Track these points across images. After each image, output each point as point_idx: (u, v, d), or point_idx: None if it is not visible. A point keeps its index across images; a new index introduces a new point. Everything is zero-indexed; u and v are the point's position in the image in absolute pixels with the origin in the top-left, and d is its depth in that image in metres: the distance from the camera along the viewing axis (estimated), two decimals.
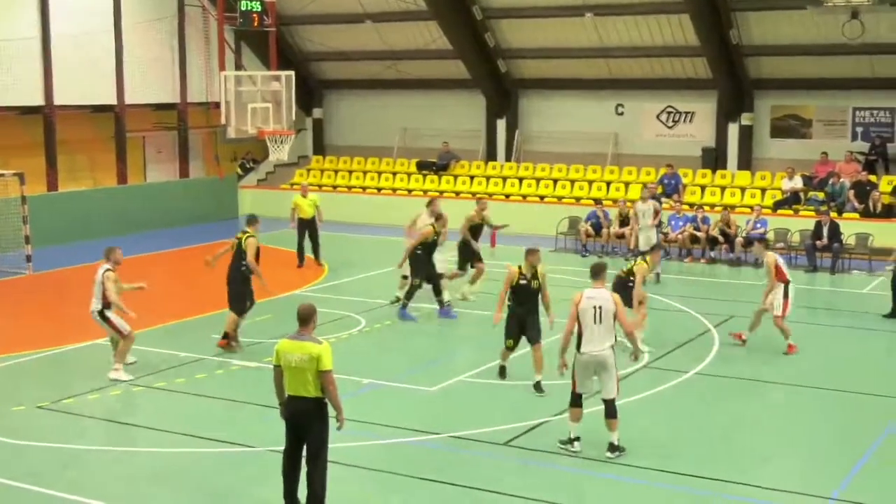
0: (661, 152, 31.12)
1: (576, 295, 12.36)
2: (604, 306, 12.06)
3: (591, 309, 12.06)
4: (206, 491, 11.37)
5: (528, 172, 32.79)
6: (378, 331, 18.62)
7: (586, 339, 12.10)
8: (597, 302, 12.08)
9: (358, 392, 14.62)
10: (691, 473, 11.77)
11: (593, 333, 12.05)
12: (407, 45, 33.63)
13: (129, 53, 30.99)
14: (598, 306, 12.06)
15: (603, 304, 12.07)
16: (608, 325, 12.08)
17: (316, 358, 10.05)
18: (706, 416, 14.13)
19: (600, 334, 12.05)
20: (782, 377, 15.81)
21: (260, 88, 28.90)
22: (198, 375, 15.69)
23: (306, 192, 25.60)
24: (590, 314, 12.06)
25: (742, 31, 29.03)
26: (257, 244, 16.96)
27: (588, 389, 12.37)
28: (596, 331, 12.05)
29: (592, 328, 12.05)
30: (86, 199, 29.94)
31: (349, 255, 26.63)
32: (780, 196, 28.48)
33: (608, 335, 12.09)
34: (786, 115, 30.41)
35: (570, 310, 12.31)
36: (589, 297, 12.15)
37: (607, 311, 12.06)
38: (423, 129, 35.00)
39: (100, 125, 31.35)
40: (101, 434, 13.33)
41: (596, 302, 12.08)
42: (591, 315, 12.05)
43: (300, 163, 36.53)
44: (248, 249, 16.80)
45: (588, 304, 12.09)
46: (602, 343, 12.05)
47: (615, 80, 31.95)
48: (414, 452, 12.54)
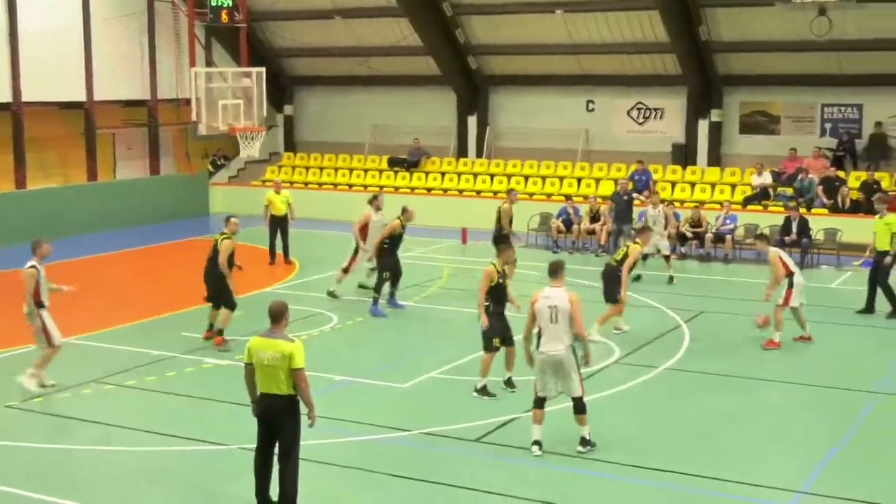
0: (632, 148, 31.21)
1: (533, 294, 12.29)
2: (559, 306, 11.89)
3: (546, 309, 11.93)
4: (178, 489, 11.29)
5: (498, 169, 32.81)
6: (350, 328, 18.58)
7: (544, 339, 11.99)
8: (552, 302, 11.93)
9: (330, 389, 14.57)
10: (663, 468, 11.79)
11: (550, 333, 11.92)
12: (378, 42, 33.55)
13: (99, 50, 30.75)
14: (553, 306, 11.90)
15: (559, 304, 11.90)
16: (565, 325, 11.91)
17: (288, 356, 10.01)
18: (677, 411, 14.17)
19: (557, 334, 11.90)
20: (752, 372, 15.87)
21: (231, 85, 28.81)
22: (168, 373, 15.59)
23: (279, 188, 25.47)
24: (546, 314, 11.93)
25: (711, 28, 29.15)
26: (233, 246, 16.89)
27: (549, 392, 12.18)
28: (552, 330, 11.91)
29: (549, 328, 11.93)
30: (55, 196, 29.70)
31: (320, 252, 26.54)
32: (749, 192, 28.64)
33: (565, 335, 11.92)
34: (755, 111, 30.57)
35: (528, 310, 12.24)
36: (545, 297, 12.02)
37: (563, 310, 11.87)
38: (395, 126, 34.94)
39: (69, 122, 31.10)
40: (70, 433, 13.21)
41: (552, 302, 11.93)
42: (547, 315, 11.93)
43: (271, 159, 36.39)
44: (221, 251, 16.75)
45: (544, 304, 11.96)
46: (559, 343, 11.90)
47: (586, 77, 32.00)
48: (386, 449, 12.50)
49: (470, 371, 15.01)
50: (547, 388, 12.14)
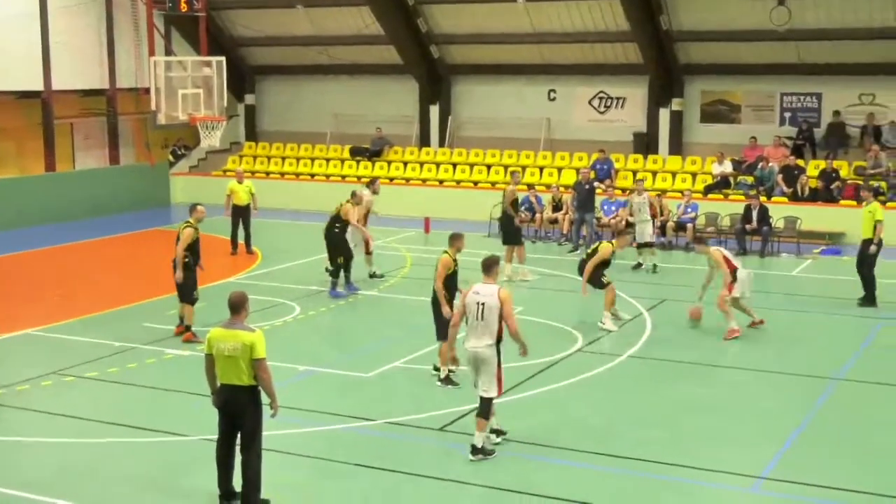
0: (594, 137, 31.30)
1: (465, 288, 12.16)
2: (487, 303, 11.64)
3: (474, 305, 11.72)
4: (139, 481, 11.22)
5: (461, 158, 32.81)
6: (313, 318, 18.53)
7: (468, 334, 11.83)
8: (481, 298, 11.69)
9: (293, 379, 14.54)
10: (627, 455, 11.85)
11: (474, 329, 11.72)
12: (339, 31, 33.42)
13: (56, 38, 30.33)
14: (481, 303, 11.67)
15: (487, 301, 11.66)
16: (489, 323, 11.65)
17: (249, 346, 9.97)
18: (640, 398, 14.25)
19: (480, 331, 11.68)
20: (712, 359, 16.01)
21: (190, 74, 28.65)
22: (129, 365, 15.48)
23: (242, 178, 25.31)
24: (473, 310, 11.73)
25: (672, 17, 29.28)
26: (194, 235, 16.62)
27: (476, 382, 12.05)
28: (477, 327, 11.70)
29: (473, 324, 11.73)
30: (13, 187, 29.38)
31: (282, 242, 26.47)
32: (710, 180, 28.82)
33: (488, 333, 11.65)
34: (715, 100, 30.73)
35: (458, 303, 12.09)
36: (475, 293, 11.79)
37: (491, 307, 11.63)
38: (357, 115, 34.83)
39: (26, 112, 30.74)
40: (30, 425, 13.08)
41: (481, 298, 11.70)
42: (474, 311, 11.72)
43: (232, 149, 36.18)
44: (181, 240, 16.52)
45: (473, 300, 11.75)
46: (480, 340, 11.67)
47: (548, 66, 32.04)
48: (351, 439, 12.49)
49: (434, 360, 15.01)
50: (475, 379, 12.02)
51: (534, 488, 10.95)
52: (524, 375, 14.70)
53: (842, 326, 18.30)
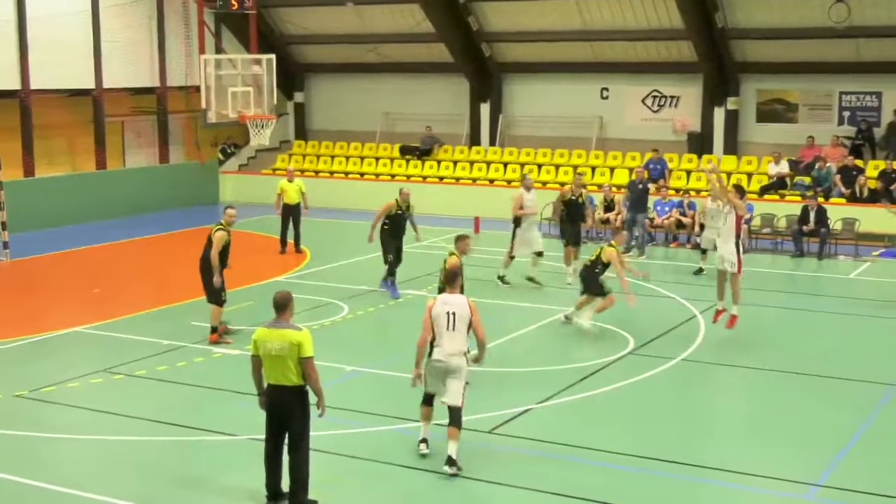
0: (647, 136, 31.13)
1: (430, 300, 12.03)
2: (458, 312, 11.59)
3: (444, 315, 11.59)
4: (186, 479, 11.33)
5: (512, 157, 32.77)
6: (361, 317, 18.61)
7: (437, 344, 11.66)
8: (451, 308, 11.63)
9: (341, 379, 14.61)
10: (677, 460, 11.80)
11: (444, 339, 11.61)
12: (389, 29, 33.51)
13: (107, 36, 30.72)
14: (452, 312, 11.60)
15: (458, 311, 11.60)
16: (461, 332, 11.61)
17: (297, 345, 10.03)
18: (693, 402, 14.18)
19: (452, 340, 11.59)
20: (769, 363, 15.84)
21: (240, 72, 28.84)
22: (179, 363, 15.65)
23: (292, 176, 25.42)
24: (443, 320, 11.60)
25: (727, 14, 29.05)
26: (226, 239, 16.67)
27: (438, 391, 11.85)
28: (448, 337, 11.60)
29: (445, 335, 11.60)
30: (64, 184, 29.82)
31: (331, 241, 26.60)
32: (766, 181, 28.55)
33: (461, 342, 11.62)
34: (771, 99, 30.44)
35: (423, 316, 11.80)
36: (444, 303, 11.70)
37: (462, 317, 11.58)
38: (406, 114, 34.92)
39: (77, 109, 31.14)
40: (79, 422, 13.26)
41: (450, 308, 11.63)
42: (444, 321, 11.59)
43: (282, 148, 36.42)
44: (214, 243, 16.59)
45: (442, 310, 11.62)
46: (453, 349, 11.58)
47: (599, 64, 31.91)
48: (398, 440, 12.51)
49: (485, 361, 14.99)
50: (434, 387, 11.87)
51: (579, 492, 10.92)
52: (575, 378, 14.68)
53: None
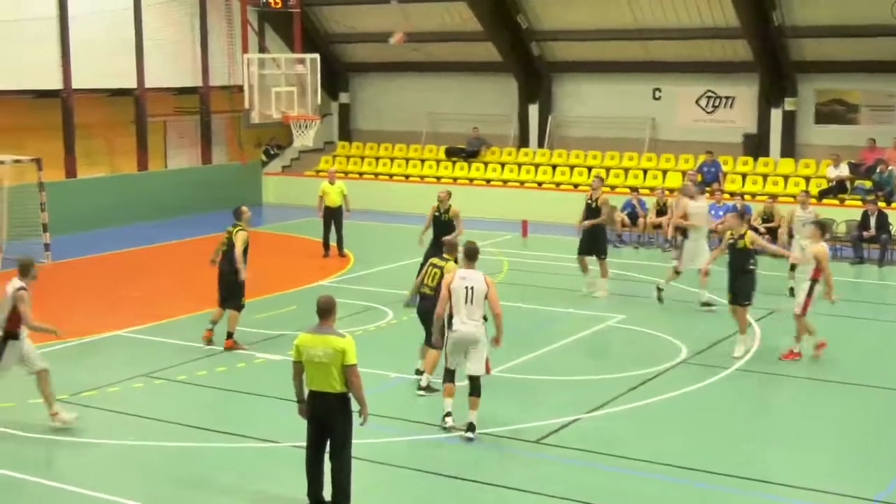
0: (701, 138, 30.92)
1: (448, 276, 13.05)
2: (475, 286, 12.75)
3: (463, 289, 12.76)
4: (226, 486, 11.41)
5: (561, 159, 32.69)
6: (406, 323, 18.58)
7: (456, 318, 12.82)
8: (469, 283, 12.78)
9: (385, 386, 14.64)
10: (732, 473, 11.71)
11: (462, 312, 12.77)
12: (435, 27, 33.55)
13: (149, 36, 31.00)
14: (470, 287, 12.75)
15: (475, 285, 12.76)
16: (479, 305, 12.76)
17: (340, 352, 10.05)
18: (747, 413, 14.07)
19: (470, 313, 12.76)
20: (824, 374, 15.69)
21: (284, 72, 29.02)
22: (219, 368, 15.76)
23: (334, 179, 25.55)
24: (461, 294, 12.76)
25: (785, 12, 28.79)
26: (247, 237, 16.86)
27: (459, 366, 12.94)
28: (466, 310, 12.75)
29: (463, 307, 12.76)
30: (105, 185, 30.12)
31: (376, 244, 26.66)
32: (825, 185, 28.24)
33: (478, 313, 12.80)
34: (831, 99, 30.12)
35: (441, 292, 12.95)
36: (461, 278, 12.85)
37: (479, 291, 12.73)
38: (453, 114, 34.94)
39: (119, 109, 31.45)
40: (120, 427, 13.39)
41: (468, 283, 12.78)
42: (462, 295, 12.76)
43: (326, 149, 36.56)
44: (237, 242, 16.69)
45: (461, 285, 12.79)
46: (472, 320, 12.76)
47: (652, 63, 31.76)
48: (442, 449, 12.53)
49: (529, 370, 14.99)
50: (455, 362, 13.02)
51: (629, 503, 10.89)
52: (627, 387, 14.62)
53: None
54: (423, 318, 14.81)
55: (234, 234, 16.83)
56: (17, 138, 27.92)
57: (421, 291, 14.90)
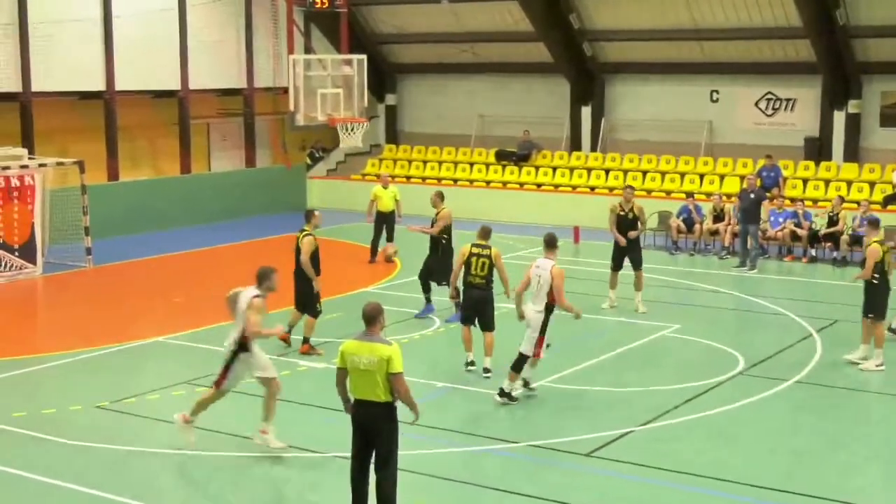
0: (760, 142, 30.70)
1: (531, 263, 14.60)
2: (542, 276, 14.27)
3: (535, 277, 14.37)
4: (270, 496, 11.46)
5: (614, 163, 32.57)
6: (453, 331, 18.58)
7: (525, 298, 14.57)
8: (539, 271, 14.35)
9: (431, 396, 14.63)
10: (783, 489, 11.59)
11: (531, 296, 14.44)
12: (485, 28, 33.59)
13: (193, 36, 31.27)
14: (539, 275, 14.31)
15: (542, 274, 14.29)
16: (542, 294, 14.23)
17: (386, 360, 10.05)
18: (806, 427, 13.92)
19: (534, 298, 14.38)
20: (887, 387, 15.50)
21: (330, 73, 29.13)
22: None
23: (387, 182, 25.59)
24: (535, 281, 14.37)
25: (850, 11, 28.52)
26: (315, 243, 16.93)
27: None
28: (532, 295, 14.43)
29: (533, 291, 14.41)
30: (148, 188, 30.40)
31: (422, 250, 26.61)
32: (890, 190, 27.95)
33: (539, 301, 14.29)
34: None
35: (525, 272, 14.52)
36: (537, 266, 14.45)
37: (545, 280, 14.23)
38: (503, 117, 34.94)
39: (162, 111, 31.73)
40: (159, 436, 13.48)
41: (539, 271, 14.36)
42: (535, 281, 14.38)
43: (372, 152, 36.66)
44: (303, 248, 16.81)
45: (535, 273, 14.43)
46: (534, 305, 14.35)
47: (709, 64, 31.57)
48: (490, 461, 12.52)
49: (580, 380, 14.94)
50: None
51: None
52: (681, 399, 14.53)
53: None
54: (477, 308, 15.89)
55: (300, 240, 16.92)
56: (60, 141, 28.33)
57: (470, 282, 15.89)
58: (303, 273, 16.95)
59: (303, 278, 16.99)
